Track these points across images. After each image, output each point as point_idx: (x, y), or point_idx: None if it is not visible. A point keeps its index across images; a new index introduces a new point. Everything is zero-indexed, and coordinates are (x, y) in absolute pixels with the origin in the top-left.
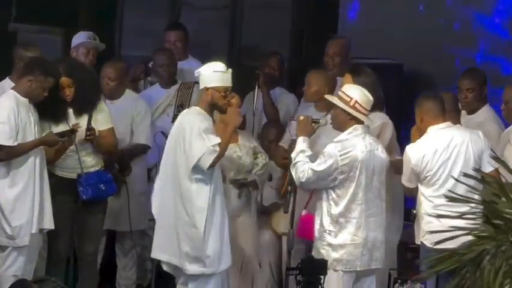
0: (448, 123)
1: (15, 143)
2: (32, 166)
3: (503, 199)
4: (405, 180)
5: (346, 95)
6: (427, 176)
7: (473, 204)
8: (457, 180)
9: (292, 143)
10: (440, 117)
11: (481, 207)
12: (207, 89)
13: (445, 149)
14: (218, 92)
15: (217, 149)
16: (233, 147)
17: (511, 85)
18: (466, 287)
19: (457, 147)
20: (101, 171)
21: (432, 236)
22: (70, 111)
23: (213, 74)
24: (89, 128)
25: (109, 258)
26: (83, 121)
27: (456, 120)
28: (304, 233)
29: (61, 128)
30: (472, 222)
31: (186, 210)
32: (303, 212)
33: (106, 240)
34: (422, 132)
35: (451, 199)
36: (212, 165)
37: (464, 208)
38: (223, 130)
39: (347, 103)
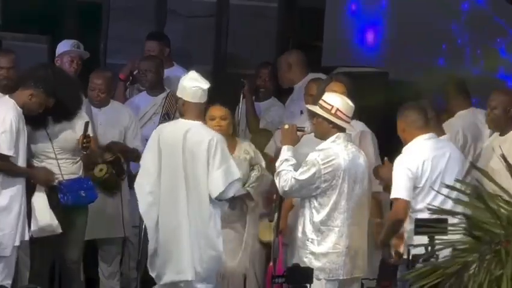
0: (431, 134)
1: (15, 153)
2: (22, 180)
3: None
4: (400, 192)
5: (327, 103)
6: (418, 187)
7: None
8: (438, 192)
9: (277, 152)
10: (424, 129)
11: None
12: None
13: (431, 160)
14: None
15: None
16: None
17: (498, 90)
18: None
19: (442, 158)
20: (82, 178)
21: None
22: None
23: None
24: (87, 136)
25: (89, 268)
26: (63, 127)
27: (436, 127)
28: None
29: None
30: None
31: (206, 232)
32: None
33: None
34: (405, 142)
35: (433, 212)
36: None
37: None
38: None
39: (328, 111)
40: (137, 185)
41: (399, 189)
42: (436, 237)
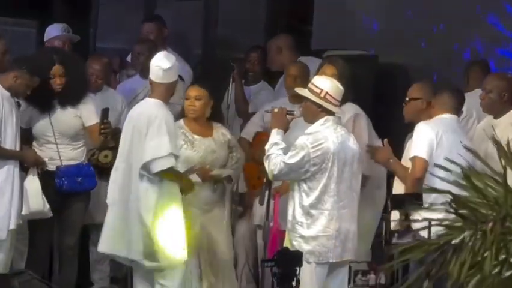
0: (455, 117)
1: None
2: (12, 163)
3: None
4: (421, 151)
5: (316, 86)
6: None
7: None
8: (430, 173)
9: (257, 135)
10: (453, 111)
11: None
12: (175, 81)
13: (449, 137)
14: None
15: (174, 159)
16: (207, 141)
17: (493, 74)
18: (431, 275)
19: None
20: (82, 164)
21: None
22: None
23: (168, 70)
24: (104, 122)
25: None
26: (67, 113)
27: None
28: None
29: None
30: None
31: (136, 208)
32: (271, 224)
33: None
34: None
35: (426, 191)
36: (160, 174)
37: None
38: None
39: (317, 95)
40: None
41: (421, 149)
42: (423, 214)
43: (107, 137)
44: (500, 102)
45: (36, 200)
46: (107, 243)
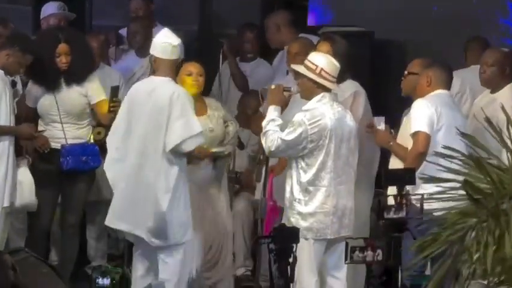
0: (449, 92)
1: None
2: (6, 140)
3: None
4: (422, 125)
5: (312, 63)
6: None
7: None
8: (429, 161)
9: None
10: (446, 87)
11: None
12: (178, 58)
13: (447, 113)
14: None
15: (203, 136)
16: (203, 119)
17: (493, 48)
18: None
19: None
20: (87, 143)
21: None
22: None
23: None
24: (114, 100)
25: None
26: (72, 91)
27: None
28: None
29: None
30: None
31: (152, 187)
32: (270, 202)
33: None
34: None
35: (425, 180)
36: (191, 152)
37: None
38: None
39: (312, 71)
40: (107, 140)
41: (422, 123)
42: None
43: (114, 114)
44: (501, 76)
45: (29, 194)
46: (115, 218)
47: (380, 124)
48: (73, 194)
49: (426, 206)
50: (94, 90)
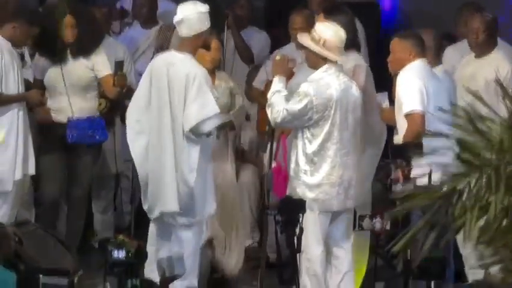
0: (425, 59)
1: (3, 90)
2: (15, 113)
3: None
4: (415, 104)
5: (317, 33)
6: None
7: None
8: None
9: (269, 83)
10: (422, 54)
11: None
12: (199, 34)
13: (430, 84)
14: (206, 33)
15: (219, 117)
16: None
17: (477, 14)
18: (435, 223)
19: (438, 85)
20: (94, 117)
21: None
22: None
23: (202, 16)
24: (118, 74)
25: None
26: (78, 64)
27: (436, 58)
28: (276, 188)
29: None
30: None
31: (177, 167)
32: (273, 164)
33: None
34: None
35: (427, 136)
36: (210, 133)
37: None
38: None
39: (317, 43)
40: (127, 113)
41: (414, 102)
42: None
43: (122, 88)
44: (490, 41)
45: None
46: (147, 203)
47: (385, 101)
48: (79, 167)
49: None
50: (100, 64)
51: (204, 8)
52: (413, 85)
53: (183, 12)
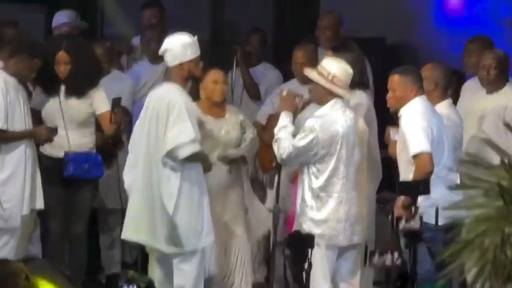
0: (425, 96)
1: (5, 126)
2: (22, 148)
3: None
4: (422, 145)
5: (324, 69)
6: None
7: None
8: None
9: (271, 117)
10: (421, 91)
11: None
12: (181, 64)
13: (434, 121)
14: (194, 63)
15: (198, 144)
16: (220, 122)
17: (490, 50)
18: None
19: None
20: (91, 152)
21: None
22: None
23: (185, 46)
24: (114, 111)
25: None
26: (77, 100)
27: (444, 93)
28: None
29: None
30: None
31: (158, 194)
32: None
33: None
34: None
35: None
36: (188, 159)
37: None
38: (207, 106)
39: (324, 77)
40: (129, 147)
41: (421, 143)
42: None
43: (119, 126)
44: (502, 77)
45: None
46: (131, 231)
47: (395, 136)
48: (77, 203)
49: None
50: (98, 100)
51: (189, 39)
52: (418, 126)
53: (167, 42)
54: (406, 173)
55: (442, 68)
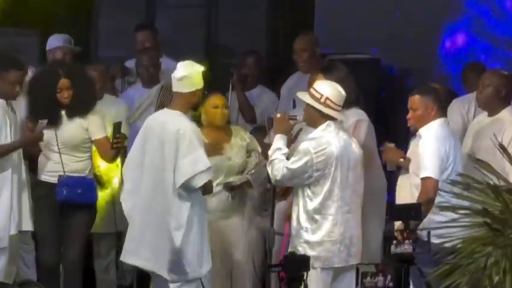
0: (445, 119)
1: None
2: (8, 168)
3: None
4: (433, 170)
5: (317, 91)
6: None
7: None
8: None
9: (267, 146)
10: (441, 112)
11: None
12: (196, 90)
13: (453, 145)
14: (200, 91)
15: (211, 171)
16: (224, 147)
17: (492, 70)
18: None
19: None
20: (85, 177)
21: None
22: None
23: (200, 74)
24: (116, 136)
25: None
26: (72, 125)
27: (443, 113)
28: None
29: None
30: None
31: (164, 224)
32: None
33: None
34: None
35: (442, 208)
36: (203, 187)
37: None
38: (209, 132)
39: (317, 100)
40: (123, 171)
41: (432, 168)
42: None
43: (119, 151)
44: (498, 98)
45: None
46: (131, 254)
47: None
48: (72, 228)
49: (433, 240)
50: (95, 125)
51: (201, 68)
52: (435, 150)
53: (187, 69)
54: (406, 196)
55: (440, 88)
